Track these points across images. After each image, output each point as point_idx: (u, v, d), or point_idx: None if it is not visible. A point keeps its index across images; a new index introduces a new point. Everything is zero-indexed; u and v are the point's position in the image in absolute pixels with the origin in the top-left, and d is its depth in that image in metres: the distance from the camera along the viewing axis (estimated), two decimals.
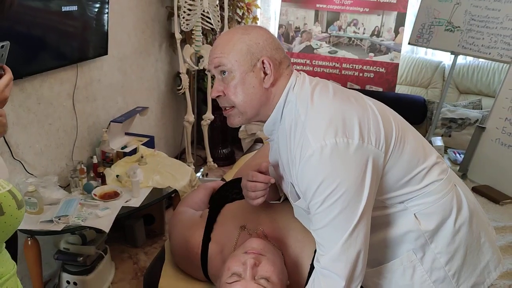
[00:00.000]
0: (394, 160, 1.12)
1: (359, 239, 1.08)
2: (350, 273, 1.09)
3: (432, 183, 1.17)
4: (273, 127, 1.21)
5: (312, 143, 1.03)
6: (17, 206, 0.90)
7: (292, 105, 1.14)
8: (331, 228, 1.07)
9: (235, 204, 1.50)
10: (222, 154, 4.16)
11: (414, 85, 4.22)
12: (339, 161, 1.03)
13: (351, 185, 1.04)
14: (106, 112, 2.88)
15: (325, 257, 1.10)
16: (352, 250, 1.07)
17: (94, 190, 2.31)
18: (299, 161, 1.07)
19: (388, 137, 1.10)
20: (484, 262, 1.29)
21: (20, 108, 2.15)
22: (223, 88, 1.16)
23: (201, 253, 1.41)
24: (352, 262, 1.08)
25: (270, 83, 1.14)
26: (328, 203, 1.04)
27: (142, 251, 2.79)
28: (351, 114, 1.08)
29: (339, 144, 1.02)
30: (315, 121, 1.07)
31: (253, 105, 1.16)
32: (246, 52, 1.13)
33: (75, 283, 2.30)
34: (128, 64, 3.10)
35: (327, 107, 1.10)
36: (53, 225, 2.03)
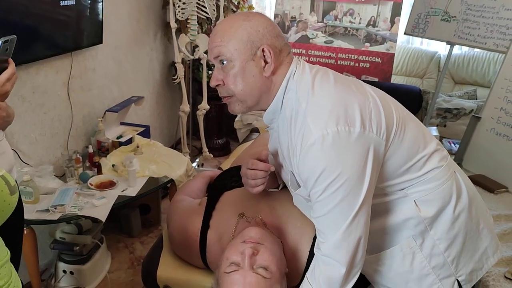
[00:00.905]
0: (395, 147, 1.12)
1: (360, 226, 1.08)
2: (350, 259, 1.09)
3: (432, 170, 1.17)
4: (273, 115, 1.20)
5: (313, 132, 1.03)
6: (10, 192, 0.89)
7: (293, 93, 1.13)
8: (332, 216, 1.07)
9: (233, 192, 1.50)
10: (217, 145, 4.15)
11: (409, 75, 4.23)
12: (340, 150, 1.03)
13: (352, 173, 1.04)
14: (101, 102, 2.86)
15: (326, 244, 1.10)
16: (352, 237, 1.08)
17: (90, 179, 2.30)
18: (300, 150, 1.06)
19: (389, 125, 1.10)
20: (482, 248, 1.30)
21: (14, 97, 2.13)
22: (222, 77, 1.14)
23: (199, 240, 1.40)
24: (352, 249, 1.09)
25: (271, 72, 1.13)
26: (329, 191, 1.05)
27: (138, 241, 2.79)
28: (352, 102, 1.07)
29: (340, 132, 1.02)
30: (317, 110, 1.06)
31: (253, 94, 1.14)
32: (247, 40, 1.10)
33: (72, 272, 2.30)
34: (123, 53, 3.08)
35: (328, 95, 1.09)
36: (49, 214, 2.02)
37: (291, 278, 1.33)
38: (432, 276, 1.23)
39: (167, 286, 1.46)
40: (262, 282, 1.16)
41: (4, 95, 1.01)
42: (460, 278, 1.26)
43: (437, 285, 1.24)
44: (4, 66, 1.00)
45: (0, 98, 1.01)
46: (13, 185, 0.92)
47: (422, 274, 1.23)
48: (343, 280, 1.11)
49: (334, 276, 1.11)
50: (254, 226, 1.35)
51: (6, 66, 1.00)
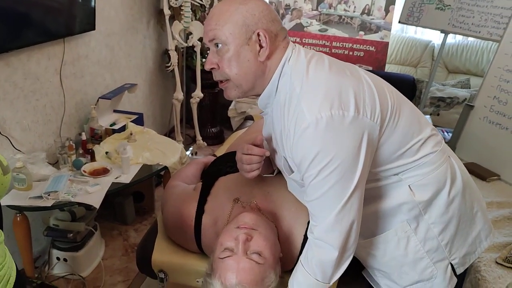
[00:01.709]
0: (389, 133, 1.12)
1: (353, 210, 1.08)
2: (343, 243, 1.10)
3: (427, 155, 1.18)
4: (268, 100, 1.19)
5: (307, 116, 1.02)
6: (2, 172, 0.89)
7: (287, 78, 1.12)
8: (325, 199, 1.08)
9: (228, 177, 1.50)
10: (211, 133, 4.14)
11: (403, 64, 4.24)
12: (334, 134, 1.03)
13: (346, 157, 1.04)
14: (94, 89, 2.83)
15: (319, 227, 1.11)
16: (345, 220, 1.08)
17: (84, 166, 2.29)
18: (294, 134, 1.06)
19: (383, 110, 1.10)
20: (475, 232, 1.31)
21: (6, 83, 2.11)
22: (217, 60, 1.13)
23: (194, 225, 1.41)
24: (345, 233, 1.09)
25: (266, 56, 1.12)
26: (322, 175, 1.05)
27: (132, 228, 2.79)
28: (347, 87, 1.07)
29: (334, 116, 1.02)
30: (311, 94, 1.06)
31: (248, 79, 1.14)
32: (242, 24, 1.09)
33: (65, 259, 2.30)
34: (115, 40, 3.05)
35: (322, 80, 1.08)
36: (43, 201, 2.01)
37: (286, 262, 1.34)
38: (426, 260, 1.24)
39: (162, 270, 1.46)
40: (256, 268, 1.17)
41: None
42: (454, 261, 1.28)
43: (431, 269, 1.25)
44: None
45: None
46: (6, 165, 0.91)
47: (416, 258, 1.24)
48: (335, 263, 1.12)
49: (327, 259, 1.12)
50: (249, 211, 1.35)
51: None
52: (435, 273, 1.26)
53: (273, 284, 1.19)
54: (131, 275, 2.38)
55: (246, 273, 1.15)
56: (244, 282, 1.14)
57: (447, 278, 1.27)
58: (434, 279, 1.26)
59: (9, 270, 1.00)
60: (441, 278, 1.26)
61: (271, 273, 1.20)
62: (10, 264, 1.02)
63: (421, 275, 1.26)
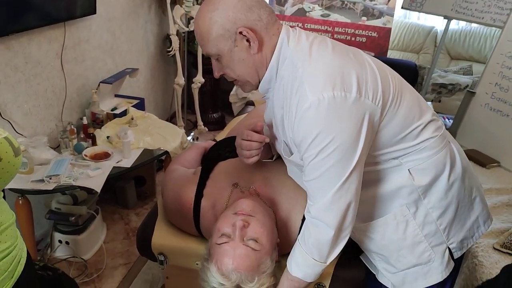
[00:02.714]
0: (390, 116, 1.12)
1: (350, 191, 1.09)
2: (339, 223, 1.12)
3: (427, 140, 1.18)
4: (269, 85, 1.20)
5: (309, 96, 1.03)
6: (14, 153, 0.90)
7: (289, 61, 1.12)
8: (323, 179, 1.09)
9: (228, 162, 1.51)
10: (212, 119, 4.15)
11: (405, 50, 4.21)
12: (335, 115, 1.03)
13: (346, 138, 1.04)
14: (95, 74, 2.83)
15: (315, 206, 1.13)
16: (342, 200, 1.10)
17: (85, 150, 2.30)
18: (296, 114, 1.06)
19: (385, 93, 1.10)
20: (474, 217, 1.32)
21: (7, 67, 2.11)
22: (219, 68, 1.19)
23: (193, 209, 1.42)
24: (342, 212, 1.11)
25: (257, 48, 1.13)
26: (322, 155, 1.05)
27: (133, 212, 2.81)
28: (350, 69, 1.07)
29: (336, 97, 1.02)
30: (313, 75, 1.06)
31: (251, 74, 1.17)
32: (222, 33, 1.10)
33: (67, 242, 2.33)
34: (117, 25, 3.04)
35: (325, 61, 1.09)
36: (44, 185, 2.03)
37: (283, 247, 1.35)
38: (424, 244, 1.26)
39: (161, 253, 1.48)
40: (252, 254, 1.18)
41: None
42: (452, 245, 1.29)
43: (429, 253, 1.26)
44: None
45: None
46: (17, 147, 0.92)
47: (415, 241, 1.25)
48: (331, 243, 1.14)
49: (323, 238, 1.14)
50: (247, 197, 1.36)
51: None
52: (432, 257, 1.27)
53: (268, 270, 1.21)
54: (132, 258, 2.41)
55: (242, 259, 1.17)
56: (240, 268, 1.16)
57: (444, 262, 1.28)
58: (431, 262, 1.28)
59: (20, 251, 1.02)
60: (438, 262, 1.28)
61: (267, 260, 1.22)
62: (21, 245, 1.04)
63: (419, 258, 1.27)
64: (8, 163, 0.88)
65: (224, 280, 1.14)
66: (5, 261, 0.94)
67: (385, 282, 1.35)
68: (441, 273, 1.28)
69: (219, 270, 1.16)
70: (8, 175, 0.89)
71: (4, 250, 0.94)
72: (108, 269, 2.32)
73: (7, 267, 0.95)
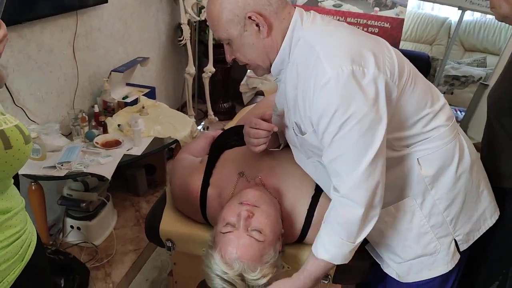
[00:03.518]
0: (406, 97, 1.12)
1: (378, 168, 1.07)
2: (369, 201, 1.09)
3: (438, 128, 1.18)
4: (281, 66, 1.20)
5: (328, 70, 1.02)
6: (24, 141, 0.92)
7: (303, 41, 1.12)
8: (350, 155, 1.07)
9: (234, 151, 1.52)
10: (223, 108, 4.16)
11: (418, 42, 4.17)
12: (355, 88, 1.02)
13: (367, 111, 1.03)
14: (106, 62, 2.86)
15: (344, 185, 1.09)
16: (371, 179, 1.07)
17: (96, 138, 2.33)
18: (314, 89, 1.05)
19: (401, 73, 1.11)
20: (481, 210, 1.32)
21: (20, 54, 2.14)
22: (231, 52, 1.21)
23: (200, 197, 1.44)
24: (371, 190, 1.08)
25: (267, 32, 1.13)
26: (345, 129, 1.04)
27: (143, 200, 2.85)
28: (368, 47, 1.07)
29: (355, 71, 1.02)
30: (331, 51, 1.06)
31: (262, 57, 1.19)
32: (231, 18, 1.12)
33: (79, 228, 2.37)
34: (128, 13, 3.05)
35: (343, 39, 1.09)
36: (56, 171, 2.06)
37: (288, 237, 1.37)
38: (430, 235, 1.26)
39: (169, 239, 1.50)
40: (255, 245, 1.19)
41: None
42: (458, 238, 1.29)
43: (435, 244, 1.26)
44: None
45: None
46: (27, 135, 0.94)
47: (421, 232, 1.25)
48: (361, 222, 1.11)
49: (352, 217, 1.10)
50: (253, 187, 1.37)
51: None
52: (438, 248, 1.27)
53: (271, 260, 1.22)
54: (142, 244, 2.44)
55: (246, 249, 1.18)
56: (243, 258, 1.17)
57: (450, 253, 1.28)
58: (437, 254, 1.28)
59: (30, 235, 1.05)
60: (444, 253, 1.28)
61: (271, 250, 1.22)
62: (31, 230, 1.06)
63: (424, 249, 1.27)
64: (18, 151, 0.89)
65: (227, 269, 1.15)
66: (15, 245, 0.97)
67: (390, 272, 1.36)
68: (446, 264, 1.29)
69: (223, 259, 1.17)
70: (19, 162, 0.91)
71: (14, 234, 0.97)
72: (118, 255, 2.37)
73: (17, 251, 0.98)
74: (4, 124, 0.89)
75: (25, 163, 0.95)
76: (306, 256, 1.40)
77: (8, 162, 0.88)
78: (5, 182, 0.94)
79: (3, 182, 0.93)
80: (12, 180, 0.99)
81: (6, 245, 0.94)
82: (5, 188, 0.95)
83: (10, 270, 0.96)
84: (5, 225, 0.94)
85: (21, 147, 0.90)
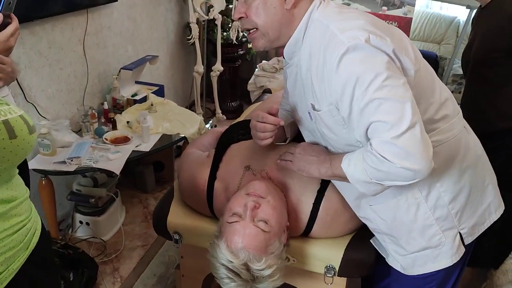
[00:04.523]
0: (419, 78, 1.13)
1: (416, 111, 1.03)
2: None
3: (447, 118, 1.19)
4: (295, 48, 1.21)
5: (345, 41, 1.03)
6: (29, 131, 0.93)
7: (318, 22, 1.14)
8: (389, 103, 1.01)
9: (240, 145, 1.53)
10: (231, 107, 4.18)
11: (426, 41, 4.16)
12: (374, 51, 1.02)
13: (391, 72, 1.02)
14: (116, 60, 2.89)
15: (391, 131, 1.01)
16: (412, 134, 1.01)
17: (105, 134, 2.36)
18: (331, 63, 1.05)
19: (416, 55, 1.13)
20: (486, 204, 1.32)
21: (31, 51, 2.18)
22: (244, 9, 1.17)
23: (207, 190, 1.45)
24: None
25: (292, 4, 1.14)
26: (370, 93, 1.01)
27: (152, 197, 2.87)
28: (382, 29, 1.08)
29: (372, 39, 1.03)
30: (346, 25, 1.07)
31: (274, 27, 1.17)
32: None
33: (88, 223, 2.40)
34: (138, 12, 3.09)
35: (358, 17, 1.10)
36: (66, 166, 2.10)
37: (293, 230, 1.38)
38: (435, 227, 1.26)
39: (176, 232, 1.52)
40: (261, 235, 1.21)
41: (8, 50, 1.03)
42: (463, 231, 1.29)
43: (439, 236, 1.26)
44: (7, 22, 1.01)
45: (5, 54, 1.02)
46: (32, 125, 0.96)
47: (426, 224, 1.26)
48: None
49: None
50: (259, 179, 1.38)
51: (9, 22, 1.02)
52: (443, 241, 1.27)
53: (277, 251, 1.23)
54: (150, 240, 2.47)
55: (251, 239, 1.19)
56: (249, 247, 1.18)
57: (455, 246, 1.28)
58: (442, 246, 1.28)
59: (34, 223, 1.07)
60: (449, 246, 1.28)
61: (276, 241, 1.24)
62: (35, 219, 1.09)
63: (429, 242, 1.27)
64: (23, 141, 0.91)
65: (232, 258, 1.16)
66: (20, 233, 0.98)
67: (395, 265, 1.36)
68: (451, 257, 1.28)
69: (228, 248, 1.18)
70: (23, 152, 0.93)
71: (19, 222, 0.99)
72: (126, 250, 2.39)
73: (22, 239, 1.00)
74: (9, 114, 0.90)
75: (29, 153, 0.97)
76: (311, 249, 1.43)
77: (13, 151, 0.90)
78: (10, 171, 0.96)
79: (8, 172, 0.95)
80: (16, 170, 1.01)
81: (11, 233, 0.96)
82: (10, 178, 0.97)
83: (15, 258, 0.98)
84: (10, 214, 0.96)
85: (26, 137, 0.92)
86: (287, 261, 1.35)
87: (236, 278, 1.17)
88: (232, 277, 1.17)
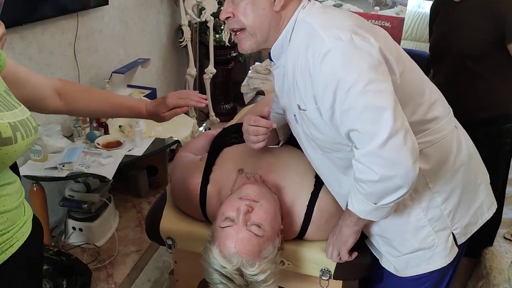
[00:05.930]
0: (404, 79, 1.12)
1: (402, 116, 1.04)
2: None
3: (437, 119, 1.19)
4: (281, 49, 1.20)
5: (326, 41, 1.02)
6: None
7: (302, 22, 1.13)
8: (370, 112, 1.01)
9: (233, 148, 1.52)
10: (224, 110, 4.17)
11: (419, 41, 4.17)
12: (355, 54, 1.01)
13: (373, 74, 1.01)
14: (107, 64, 2.87)
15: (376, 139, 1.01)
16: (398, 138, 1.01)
17: (97, 139, 2.34)
18: (313, 63, 1.04)
19: (401, 56, 1.13)
20: (478, 203, 1.31)
21: (21, 56, 2.15)
22: (232, 9, 1.15)
23: (200, 194, 1.44)
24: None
25: (281, 6, 1.13)
26: (352, 94, 1.00)
27: (145, 201, 2.86)
28: (365, 28, 1.08)
29: (355, 39, 1.02)
30: (329, 23, 1.07)
31: (263, 28, 1.16)
32: None
33: (81, 229, 2.38)
34: (129, 15, 3.07)
35: (341, 17, 1.11)
36: (58, 172, 2.07)
37: (287, 233, 1.37)
38: (428, 228, 1.25)
39: (169, 237, 1.51)
40: (254, 239, 1.19)
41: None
42: (455, 231, 1.28)
43: (432, 237, 1.26)
44: None
45: None
46: (34, 126, 0.95)
47: (418, 226, 1.25)
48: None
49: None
50: (252, 183, 1.37)
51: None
52: (436, 242, 1.26)
53: (270, 256, 1.21)
54: (144, 245, 2.45)
55: (244, 243, 1.17)
56: (242, 252, 1.16)
57: (448, 247, 1.28)
58: (435, 248, 1.27)
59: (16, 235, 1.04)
60: (442, 247, 1.27)
61: (269, 246, 1.22)
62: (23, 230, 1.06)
63: (422, 243, 1.27)
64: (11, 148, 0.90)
65: (225, 263, 1.15)
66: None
67: (388, 267, 1.35)
68: (444, 258, 1.28)
69: (221, 253, 1.17)
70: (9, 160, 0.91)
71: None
72: (120, 256, 2.37)
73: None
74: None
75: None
76: (306, 252, 1.41)
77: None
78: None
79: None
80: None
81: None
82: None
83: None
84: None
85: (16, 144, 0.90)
86: (281, 265, 1.34)
87: (230, 283, 1.16)
88: (225, 283, 1.16)
